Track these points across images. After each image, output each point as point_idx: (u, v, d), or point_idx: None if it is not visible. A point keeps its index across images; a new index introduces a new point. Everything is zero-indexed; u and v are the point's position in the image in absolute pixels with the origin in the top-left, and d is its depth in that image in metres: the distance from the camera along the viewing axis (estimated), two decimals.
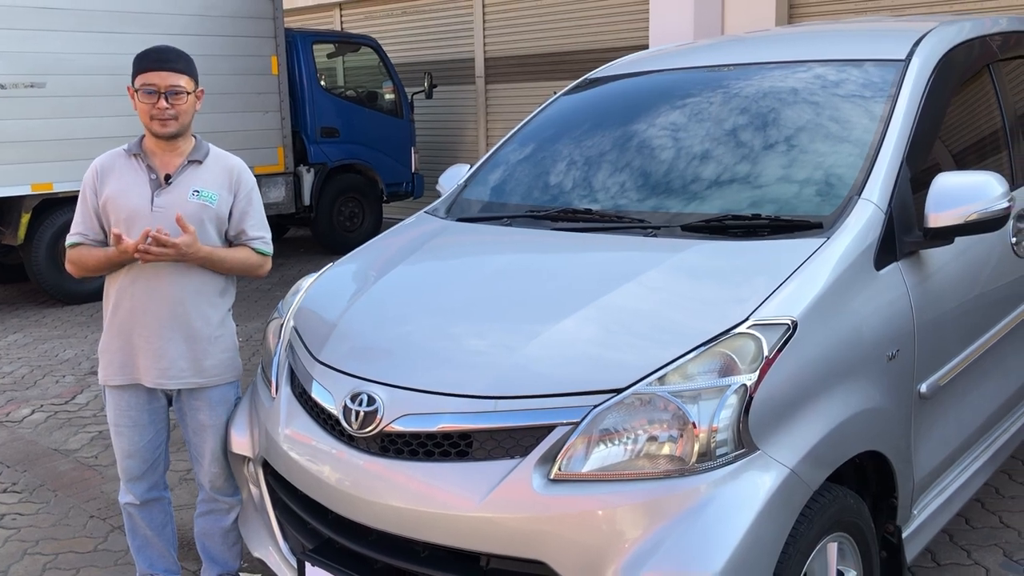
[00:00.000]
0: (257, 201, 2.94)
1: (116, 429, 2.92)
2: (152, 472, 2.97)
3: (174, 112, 2.72)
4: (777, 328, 2.14)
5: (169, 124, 2.73)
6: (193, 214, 2.76)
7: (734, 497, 1.99)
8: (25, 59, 7.43)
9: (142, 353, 2.82)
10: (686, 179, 2.93)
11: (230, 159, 2.93)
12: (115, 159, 2.84)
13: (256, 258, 2.90)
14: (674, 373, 2.07)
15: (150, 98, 2.71)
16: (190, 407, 2.91)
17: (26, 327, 7.19)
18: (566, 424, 2.06)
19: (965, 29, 3.31)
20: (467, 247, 3.07)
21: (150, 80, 2.70)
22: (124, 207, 2.76)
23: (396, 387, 2.27)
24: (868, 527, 2.39)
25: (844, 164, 2.69)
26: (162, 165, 2.81)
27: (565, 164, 3.33)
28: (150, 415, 2.91)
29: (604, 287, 2.41)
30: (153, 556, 3.07)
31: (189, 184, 2.80)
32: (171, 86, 2.70)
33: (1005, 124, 3.33)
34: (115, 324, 2.84)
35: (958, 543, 3.32)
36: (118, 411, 2.89)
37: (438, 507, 2.13)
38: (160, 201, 2.76)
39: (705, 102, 3.18)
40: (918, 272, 2.60)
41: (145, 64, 2.73)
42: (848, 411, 2.25)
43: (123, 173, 2.80)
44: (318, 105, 9.75)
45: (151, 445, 2.94)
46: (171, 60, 2.73)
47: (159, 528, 3.04)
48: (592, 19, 10.19)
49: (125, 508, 3.01)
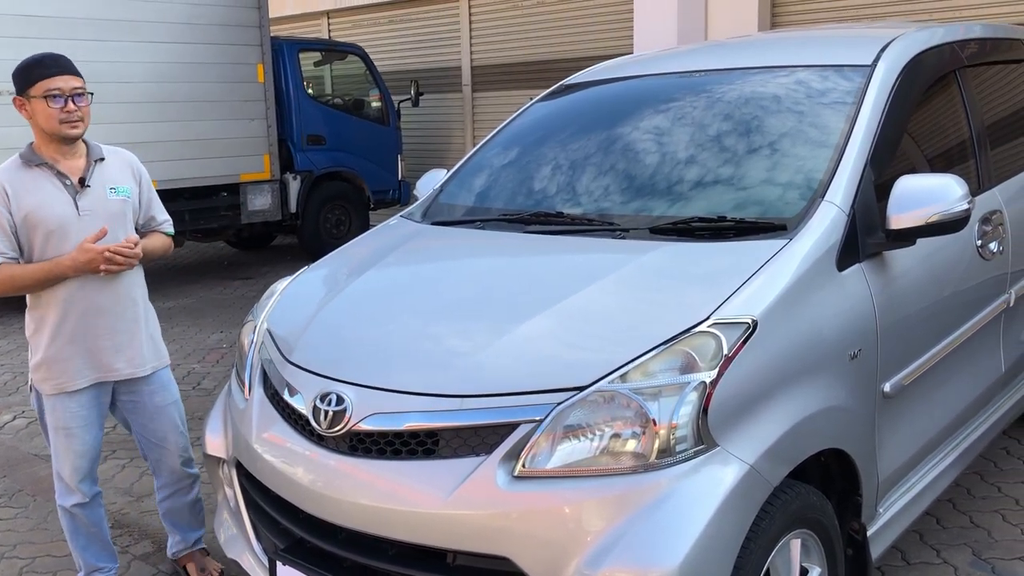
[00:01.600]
0: (153, 187, 3.11)
1: (67, 431, 2.98)
2: (95, 466, 3.11)
3: (81, 114, 2.82)
4: (737, 327, 2.18)
5: (78, 125, 2.83)
6: (119, 210, 2.91)
7: (694, 492, 2.02)
8: (7, 66, 7.40)
9: (105, 351, 2.92)
10: (656, 183, 2.97)
11: (124, 153, 3.06)
12: (17, 173, 2.84)
13: (168, 240, 3.14)
14: (635, 371, 2.10)
15: (58, 103, 2.77)
16: (147, 392, 3.06)
17: (10, 334, 7.19)
18: (530, 422, 2.09)
19: (935, 36, 3.36)
20: (440, 250, 3.10)
21: (54, 85, 2.77)
22: (51, 218, 2.80)
23: (364, 387, 2.30)
24: (832, 524, 2.43)
25: (809, 167, 2.74)
26: (69, 170, 2.87)
27: (539, 169, 3.37)
28: (98, 411, 3.04)
29: (571, 288, 2.44)
30: (97, 550, 3.16)
31: (103, 183, 2.91)
32: (75, 88, 2.80)
33: (971, 129, 3.38)
34: (65, 332, 2.89)
35: (928, 542, 3.36)
36: (68, 414, 2.96)
37: (405, 505, 2.16)
38: (84, 204, 2.86)
39: (676, 107, 3.22)
40: (881, 273, 2.65)
41: (44, 72, 2.78)
42: (809, 409, 2.28)
43: (35, 185, 2.82)
44: (304, 113, 9.77)
45: (97, 441, 3.06)
46: (68, 65, 2.84)
47: (99, 522, 3.16)
48: (577, 27, 10.25)
49: (69, 511, 3.08)
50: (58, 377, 2.93)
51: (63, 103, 2.77)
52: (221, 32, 8.70)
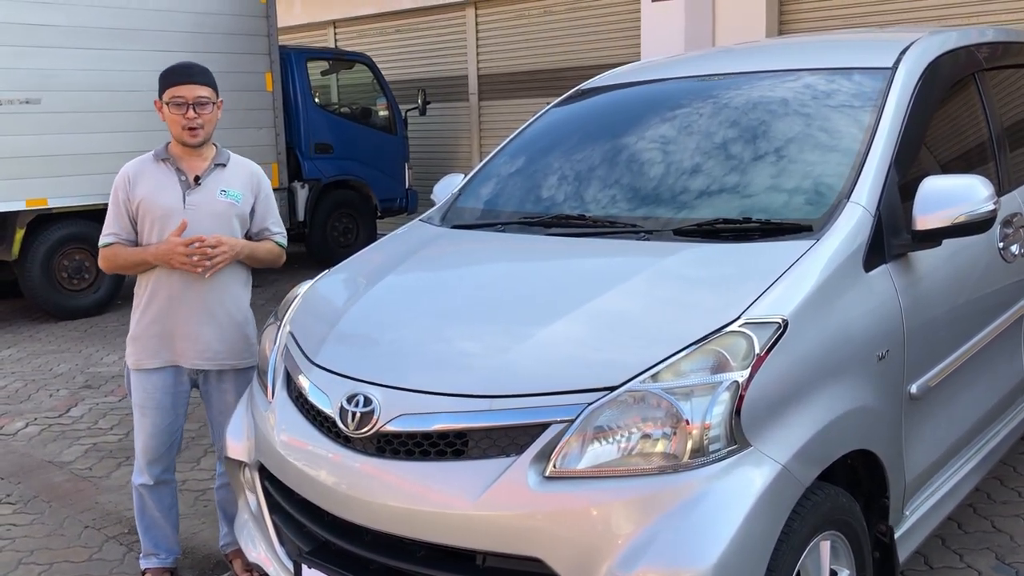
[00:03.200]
0: (274, 201, 3.31)
1: (141, 410, 3.17)
2: (168, 454, 3.23)
3: (201, 121, 3.02)
4: (768, 326, 2.17)
5: (198, 132, 3.03)
6: (223, 211, 3.10)
7: (727, 492, 2.01)
8: (21, 75, 7.46)
9: (179, 337, 3.11)
10: (679, 186, 2.97)
11: (250, 164, 3.25)
12: (144, 164, 3.12)
13: (278, 250, 3.29)
14: (667, 371, 2.09)
15: (179, 109, 2.99)
16: (218, 388, 3.21)
17: (20, 342, 7.18)
18: (561, 422, 2.08)
19: (951, 39, 3.36)
20: (462, 252, 3.10)
21: (179, 93, 2.99)
22: (159, 205, 3.04)
23: (392, 388, 2.29)
24: (861, 526, 2.41)
25: (833, 168, 2.73)
26: (190, 168, 3.10)
27: (558, 173, 3.37)
28: (173, 398, 3.17)
29: (597, 289, 2.44)
30: (158, 536, 3.31)
31: (216, 185, 3.11)
32: (197, 97, 3.00)
33: (991, 131, 3.38)
34: (151, 312, 3.11)
35: (950, 547, 3.34)
36: (145, 393, 3.15)
37: (434, 506, 2.15)
38: (192, 199, 3.07)
39: (697, 111, 3.22)
40: (907, 274, 2.64)
41: (173, 79, 3.02)
42: (839, 409, 2.28)
43: (153, 176, 3.09)
44: (312, 121, 9.80)
45: (171, 428, 3.19)
46: (195, 74, 3.04)
47: (166, 510, 3.29)
48: (584, 36, 10.28)
49: (138, 489, 3.25)
50: (138, 353, 3.14)
51: (185, 110, 2.98)
52: (229, 41, 8.73)
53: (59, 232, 7.83)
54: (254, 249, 3.18)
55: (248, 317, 3.25)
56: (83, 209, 7.88)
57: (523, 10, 10.87)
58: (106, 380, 6.09)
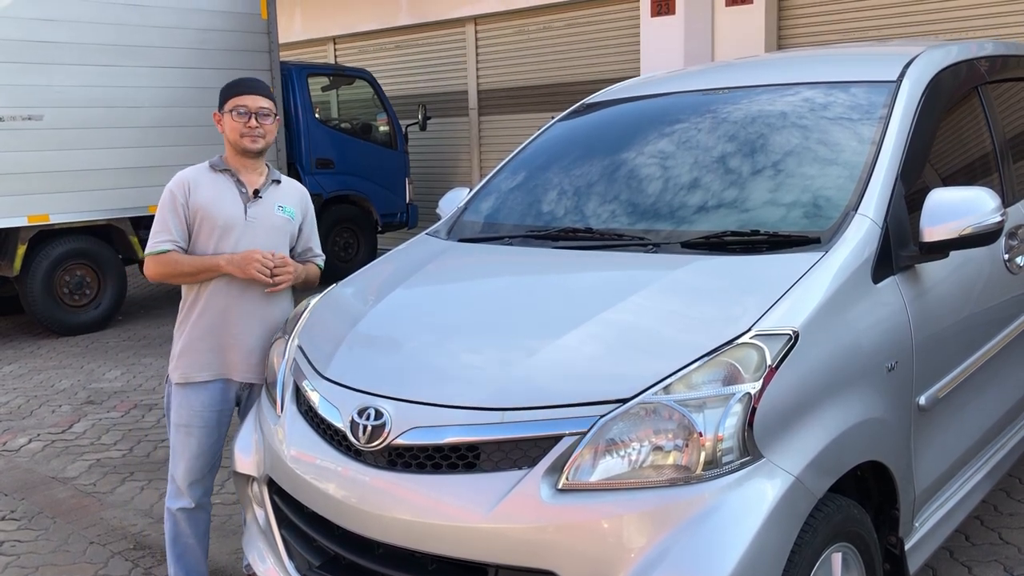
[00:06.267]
0: (315, 223, 3.36)
1: (187, 430, 3.10)
2: (210, 475, 3.18)
3: (263, 131, 3.06)
4: (779, 338, 2.18)
5: (258, 140, 3.06)
6: (280, 226, 3.15)
7: (740, 504, 2.01)
8: (23, 92, 7.49)
9: (233, 349, 3.08)
10: (686, 199, 2.98)
11: (299, 185, 3.31)
12: (201, 173, 3.12)
13: (318, 272, 3.34)
14: (679, 383, 2.10)
15: (242, 118, 3.03)
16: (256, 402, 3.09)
17: (21, 358, 7.17)
18: (573, 434, 2.08)
19: (952, 53, 3.38)
20: (470, 265, 3.10)
21: (243, 102, 3.04)
22: (220, 215, 3.05)
23: (403, 401, 2.29)
24: (872, 538, 2.41)
25: (841, 181, 2.74)
26: (248, 181, 3.13)
27: (564, 186, 3.38)
28: (219, 416, 3.12)
29: (607, 302, 2.44)
30: (190, 564, 3.20)
31: (274, 200, 3.16)
32: (260, 107, 3.05)
33: (995, 144, 3.40)
34: (202, 324, 3.08)
35: (958, 559, 3.34)
36: (191, 411, 3.09)
37: (446, 519, 2.14)
38: (252, 212, 3.10)
39: (704, 124, 3.23)
40: (915, 286, 2.65)
41: (237, 90, 3.07)
42: (850, 421, 2.28)
43: (213, 185, 3.09)
44: (313, 137, 9.83)
45: (215, 447, 3.15)
46: (258, 86, 3.10)
47: (201, 536, 3.20)
48: (583, 51, 10.33)
49: (175, 514, 3.14)
50: (187, 367, 3.09)
51: (247, 118, 3.02)
52: (231, 57, 8.76)
53: (61, 248, 7.83)
54: (307, 272, 3.25)
55: None
56: (85, 225, 7.91)
57: (522, 26, 10.92)
58: (108, 396, 6.07)
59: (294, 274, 3.12)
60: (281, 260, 3.06)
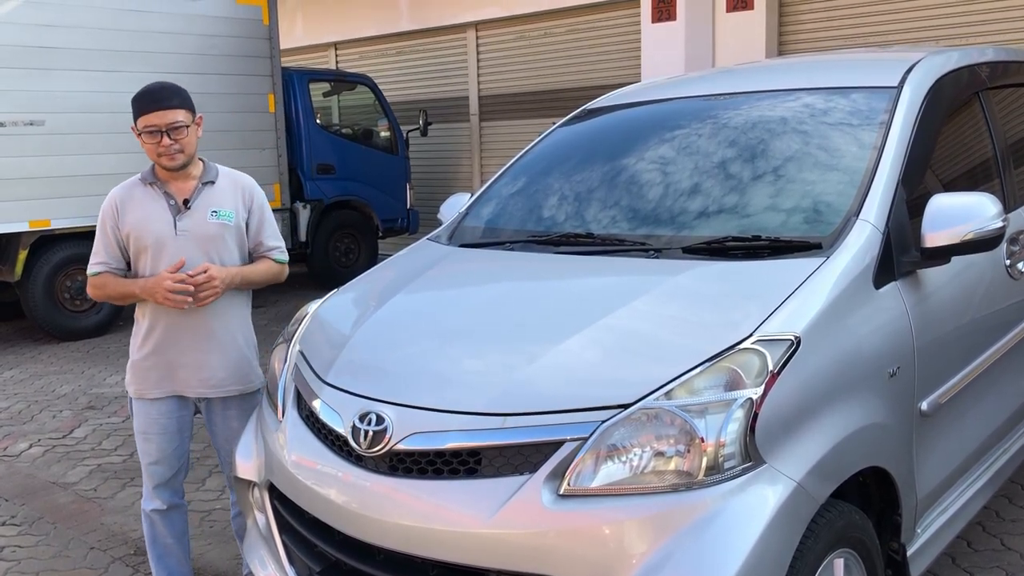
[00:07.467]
0: (269, 214, 3.16)
1: (145, 436, 3.08)
2: (175, 479, 3.15)
3: (179, 146, 2.90)
4: (781, 343, 2.17)
5: (176, 157, 2.92)
6: (216, 234, 2.97)
7: (743, 509, 2.00)
8: (24, 97, 7.50)
9: (181, 367, 3.01)
10: (688, 204, 2.98)
11: (241, 177, 3.12)
12: (131, 189, 3.01)
13: (276, 267, 3.15)
14: (680, 388, 2.09)
15: (153, 138, 2.88)
16: (223, 415, 3.11)
17: (22, 363, 7.17)
18: (574, 440, 2.08)
19: (953, 59, 3.38)
20: (471, 271, 3.10)
21: (151, 122, 2.87)
22: (149, 233, 2.94)
23: (405, 406, 2.29)
24: (874, 544, 2.41)
25: (842, 186, 2.74)
26: (178, 191, 2.99)
27: (566, 191, 3.38)
28: (178, 423, 3.09)
29: (608, 307, 2.44)
30: (172, 565, 3.20)
31: (207, 206, 3.00)
32: (171, 123, 2.87)
33: (996, 149, 3.40)
34: (151, 341, 3.01)
35: (960, 565, 3.33)
36: (148, 420, 3.06)
37: (447, 524, 2.14)
38: (183, 225, 2.96)
39: (705, 129, 3.23)
40: (916, 291, 2.65)
41: (143, 107, 2.89)
42: (852, 426, 2.27)
43: (142, 202, 2.98)
44: (314, 142, 9.84)
45: (178, 452, 3.12)
46: (166, 99, 2.89)
47: (178, 536, 3.19)
48: (584, 57, 10.34)
49: (149, 515, 3.15)
50: (139, 383, 3.06)
51: (159, 138, 2.87)
52: (232, 63, 8.78)
53: (62, 253, 7.84)
54: (247, 274, 3.05)
55: (250, 339, 3.15)
56: (86, 230, 7.89)
57: (523, 32, 10.94)
58: (109, 401, 6.07)
59: (221, 287, 2.93)
60: (203, 277, 2.88)
